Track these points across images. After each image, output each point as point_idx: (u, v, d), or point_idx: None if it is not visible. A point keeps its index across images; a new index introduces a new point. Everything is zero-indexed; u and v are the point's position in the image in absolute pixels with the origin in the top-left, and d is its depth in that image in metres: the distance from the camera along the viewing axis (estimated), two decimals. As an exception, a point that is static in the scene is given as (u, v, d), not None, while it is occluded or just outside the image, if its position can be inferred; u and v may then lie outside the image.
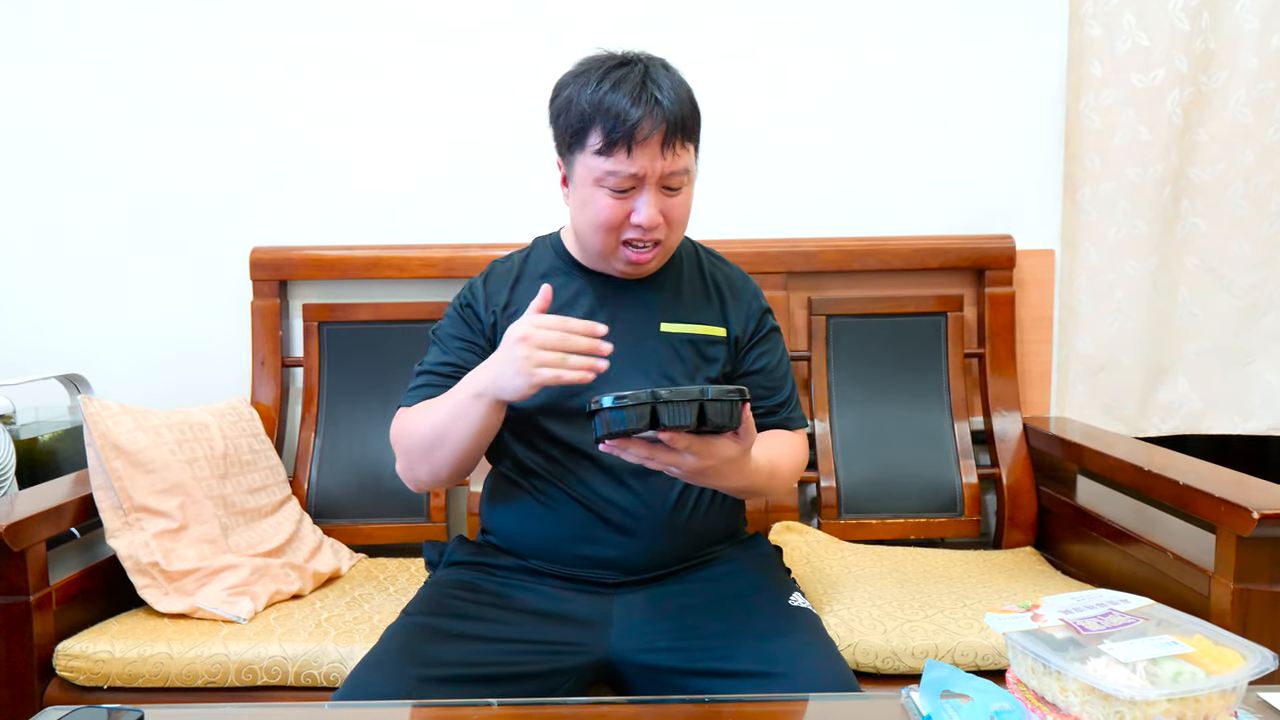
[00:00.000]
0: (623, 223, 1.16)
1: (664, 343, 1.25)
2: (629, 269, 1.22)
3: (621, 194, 1.14)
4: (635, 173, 1.12)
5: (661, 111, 1.11)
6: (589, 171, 1.14)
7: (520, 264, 1.32)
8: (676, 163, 1.14)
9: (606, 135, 1.11)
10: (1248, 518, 1.15)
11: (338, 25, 1.89)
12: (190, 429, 1.55)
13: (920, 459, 1.79)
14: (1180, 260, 1.87)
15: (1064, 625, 0.82)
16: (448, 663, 1.06)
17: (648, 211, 1.14)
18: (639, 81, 1.12)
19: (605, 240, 1.18)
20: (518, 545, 1.25)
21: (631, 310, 1.25)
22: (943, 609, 1.36)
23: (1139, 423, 1.90)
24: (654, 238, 1.17)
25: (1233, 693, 0.74)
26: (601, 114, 1.11)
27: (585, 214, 1.18)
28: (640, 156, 1.11)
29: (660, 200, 1.15)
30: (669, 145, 1.12)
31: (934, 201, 1.91)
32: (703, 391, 0.96)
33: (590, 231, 1.18)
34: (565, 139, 1.17)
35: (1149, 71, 1.80)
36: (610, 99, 1.11)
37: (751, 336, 1.31)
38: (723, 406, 0.97)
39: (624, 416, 0.95)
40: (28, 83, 1.90)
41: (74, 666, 1.30)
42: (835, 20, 1.88)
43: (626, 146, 1.11)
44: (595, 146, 1.12)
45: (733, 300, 1.31)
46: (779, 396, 1.31)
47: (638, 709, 0.98)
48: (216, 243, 1.91)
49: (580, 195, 1.17)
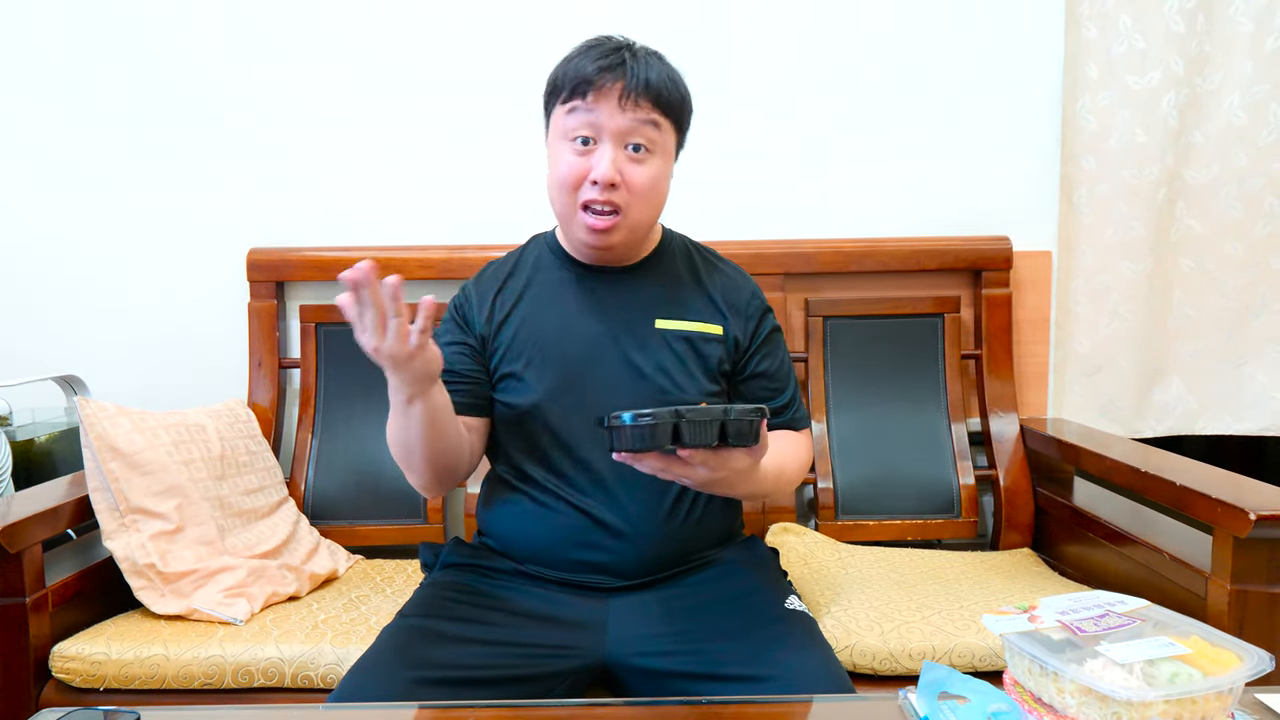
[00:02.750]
0: (579, 180, 1.16)
1: (659, 339, 1.24)
2: (590, 239, 1.19)
3: (583, 148, 1.15)
4: (593, 121, 1.14)
5: (624, 69, 1.14)
6: (557, 126, 1.18)
7: (514, 261, 1.32)
8: (638, 121, 1.14)
9: (571, 83, 1.15)
10: (1244, 519, 1.15)
11: (336, 26, 1.89)
12: (187, 430, 1.55)
13: (917, 460, 1.79)
14: (1175, 262, 1.87)
15: (1061, 626, 0.82)
16: (443, 665, 1.06)
17: (604, 166, 1.13)
18: (615, 47, 1.17)
19: (567, 199, 1.17)
20: (513, 548, 1.25)
21: (625, 305, 1.25)
22: (940, 610, 1.36)
23: (1135, 424, 1.90)
24: (611, 199, 1.15)
25: (1229, 694, 0.74)
26: (572, 66, 1.16)
27: (551, 174, 1.19)
28: (597, 105, 1.14)
29: (620, 159, 1.15)
30: (628, 98, 1.14)
31: (931, 203, 1.92)
32: (725, 411, 0.96)
33: (554, 192, 1.19)
34: (546, 104, 1.21)
35: (1145, 73, 1.80)
36: (581, 58, 1.16)
37: (753, 338, 1.30)
38: (744, 425, 0.97)
39: (645, 435, 0.94)
40: (26, 83, 1.90)
41: (70, 668, 1.30)
42: (833, 21, 1.89)
43: (584, 95, 1.14)
44: (562, 97, 1.16)
45: (730, 298, 1.30)
46: (783, 398, 1.31)
47: (636, 710, 0.98)
48: (213, 244, 1.91)
49: (551, 154, 1.20)
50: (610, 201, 1.15)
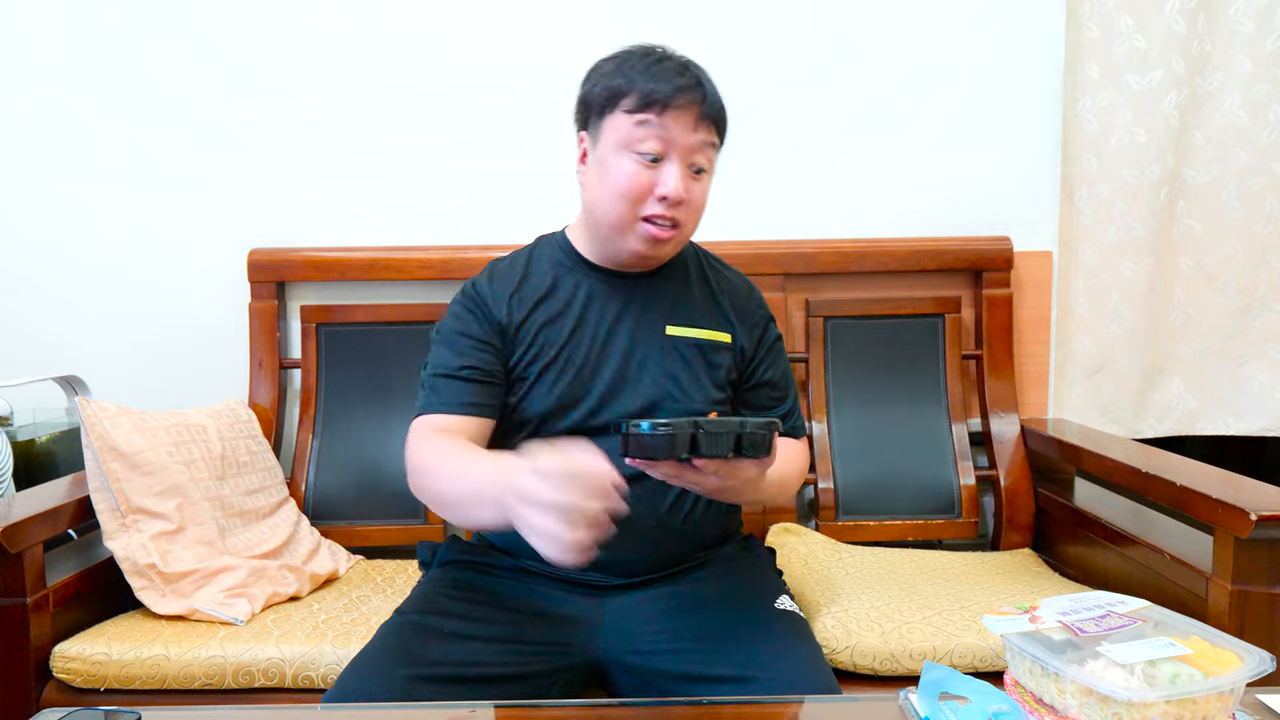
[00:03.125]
0: (644, 195, 1.13)
1: (670, 346, 1.23)
2: (645, 249, 1.18)
3: (649, 163, 1.12)
4: (665, 137, 1.12)
5: (701, 90, 1.13)
6: (617, 134, 1.13)
7: (525, 262, 1.29)
8: (703, 142, 1.14)
9: (643, 96, 1.11)
10: (1245, 519, 1.15)
11: (336, 27, 1.89)
12: (187, 430, 1.55)
13: (918, 461, 1.79)
14: (1175, 262, 1.87)
15: (1062, 627, 0.82)
16: (438, 662, 1.06)
17: (674, 183, 1.12)
18: (681, 62, 1.15)
19: (624, 212, 1.14)
20: (513, 544, 1.25)
21: (638, 311, 1.24)
22: (940, 611, 1.36)
23: (1135, 424, 1.90)
24: (675, 215, 1.15)
25: (1230, 694, 0.74)
26: (642, 77, 1.12)
27: (606, 181, 1.15)
28: (673, 123, 1.11)
29: (685, 175, 1.14)
30: (702, 122, 1.13)
31: (931, 203, 1.92)
32: (742, 424, 0.98)
33: (610, 201, 1.15)
34: (596, 104, 1.16)
35: (1146, 73, 1.80)
36: (654, 69, 1.12)
37: (758, 347, 1.31)
38: (758, 438, 0.99)
39: (663, 444, 0.95)
40: (25, 83, 1.90)
41: (71, 668, 1.30)
42: (832, 21, 1.89)
43: (660, 108, 1.11)
44: (628, 106, 1.12)
45: (738, 307, 1.30)
46: (784, 407, 1.32)
47: (634, 711, 0.98)
48: (214, 244, 1.91)
49: (604, 163, 1.15)
50: (673, 217, 1.15)
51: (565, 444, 0.84)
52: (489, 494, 0.93)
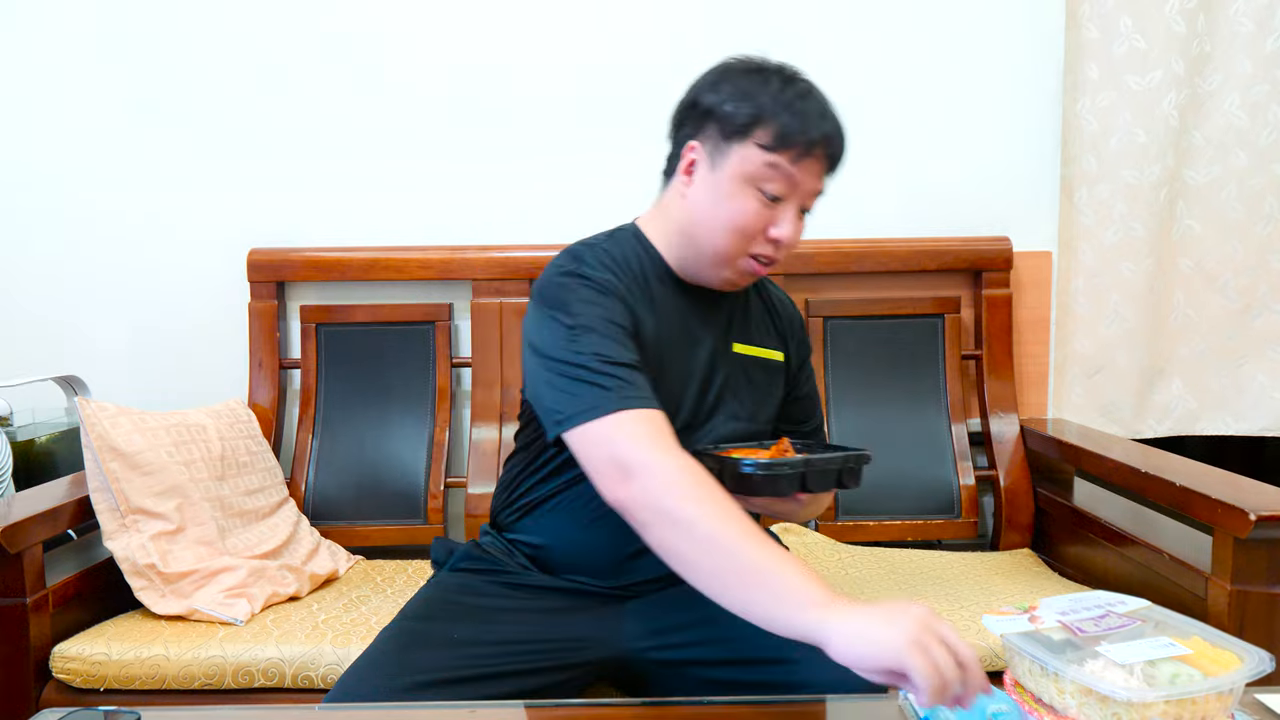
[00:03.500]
0: (757, 233, 1.09)
1: (736, 364, 1.19)
2: (736, 279, 1.14)
3: (770, 201, 1.08)
4: (795, 179, 1.07)
5: (838, 139, 1.10)
6: (745, 164, 1.07)
7: (618, 256, 1.15)
8: (822, 187, 1.12)
9: (783, 134, 1.06)
10: (1244, 519, 1.15)
11: (336, 27, 1.89)
12: (187, 431, 1.55)
13: (917, 461, 1.79)
14: (1175, 262, 1.87)
15: (1061, 627, 0.82)
16: (442, 668, 1.04)
17: (790, 228, 1.09)
18: (824, 101, 1.10)
19: (734, 246, 1.09)
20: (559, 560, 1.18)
21: (711, 326, 1.19)
22: (940, 611, 1.36)
23: (1135, 424, 1.90)
24: (779, 256, 1.12)
25: (1230, 694, 0.74)
26: (786, 115, 1.06)
27: (721, 210, 1.09)
28: (805, 168, 1.07)
29: (797, 221, 1.11)
30: (828, 171, 1.11)
31: (931, 203, 1.91)
32: (845, 460, 1.01)
33: (721, 232, 1.09)
34: (729, 125, 1.08)
35: (1145, 74, 1.80)
36: (799, 105, 1.07)
37: (799, 364, 1.30)
38: (857, 471, 1.03)
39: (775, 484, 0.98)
40: (25, 83, 1.90)
41: (71, 669, 1.30)
42: (832, 22, 1.89)
43: (798, 152, 1.06)
44: (763, 140, 1.06)
45: (788, 324, 1.29)
46: (813, 423, 1.33)
47: (637, 710, 0.98)
48: (213, 244, 1.91)
49: (721, 189, 1.09)
50: (776, 256, 1.12)
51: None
52: (802, 611, 0.83)
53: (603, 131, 1.90)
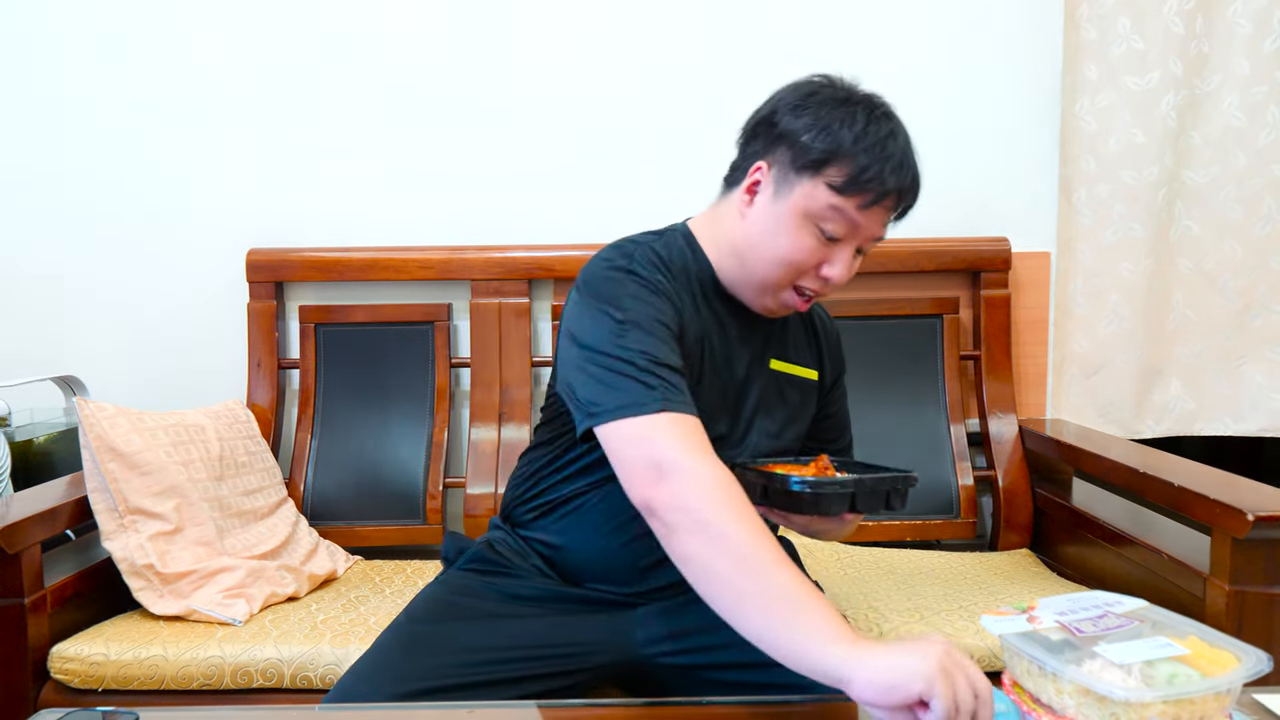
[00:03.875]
0: (809, 269, 1.07)
1: (771, 381, 1.18)
2: (776, 309, 1.12)
3: (827, 240, 1.05)
4: (858, 224, 1.04)
5: (912, 191, 1.07)
6: (808, 201, 1.03)
7: (666, 258, 1.11)
8: (885, 232, 1.09)
9: (855, 179, 1.01)
10: (1242, 520, 1.15)
11: (335, 27, 1.89)
12: (186, 431, 1.55)
13: (916, 461, 1.79)
14: (1174, 263, 1.87)
15: (1059, 627, 0.82)
16: (446, 673, 1.03)
17: (843, 269, 1.06)
18: (904, 147, 1.06)
19: (783, 276, 1.07)
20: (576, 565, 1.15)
21: (750, 340, 1.18)
22: (939, 611, 1.37)
23: (1133, 425, 1.90)
24: (825, 293, 1.10)
25: (1227, 694, 0.74)
26: (864, 160, 1.01)
27: (776, 242, 1.06)
28: (871, 215, 1.04)
29: (852, 260, 1.08)
30: (895, 219, 1.09)
31: (929, 204, 1.87)
32: (895, 481, 1.00)
33: (771, 263, 1.07)
34: (802, 157, 1.04)
35: (1144, 74, 1.80)
36: (876, 152, 1.02)
37: (833, 383, 1.28)
38: (904, 494, 1.02)
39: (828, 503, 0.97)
40: (24, 83, 1.90)
41: (69, 669, 1.30)
42: (831, 22, 1.89)
43: (867, 199, 1.02)
44: (834, 180, 1.02)
45: (827, 343, 1.27)
46: (844, 440, 1.31)
47: (637, 710, 0.98)
48: (212, 244, 1.91)
49: (780, 220, 1.05)
50: (822, 291, 1.10)
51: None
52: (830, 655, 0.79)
53: (602, 132, 1.90)
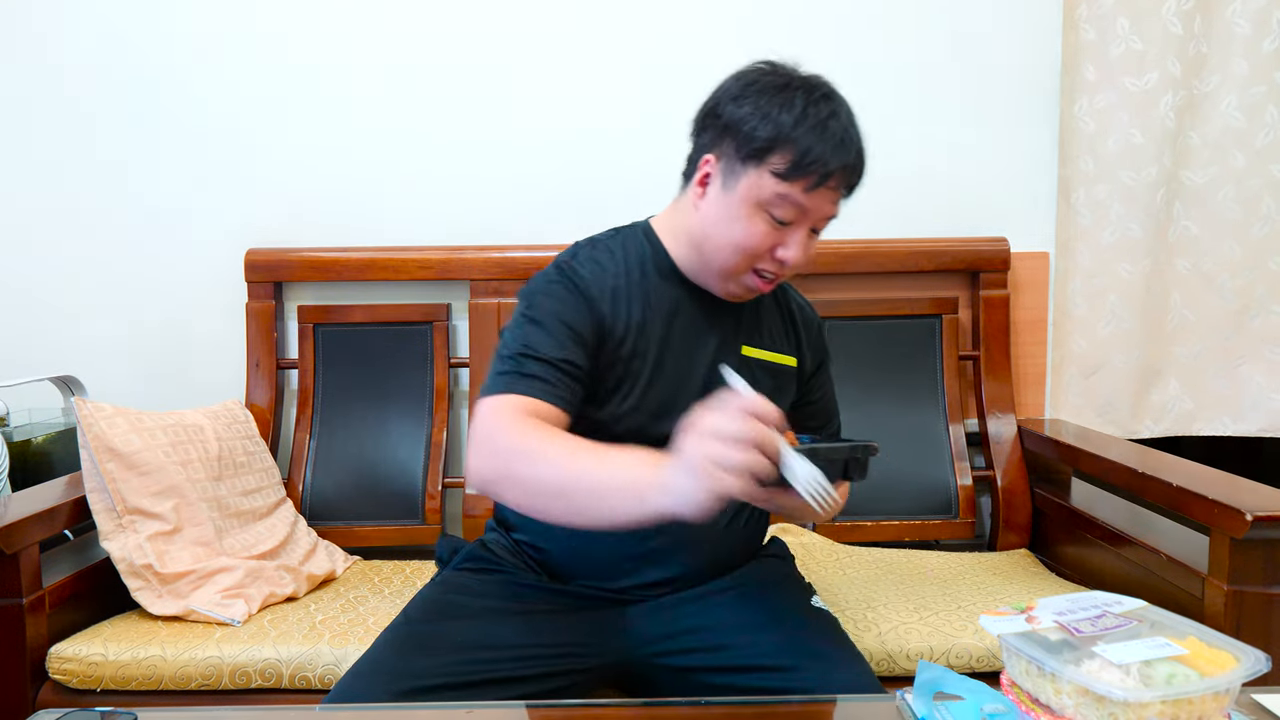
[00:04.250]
0: (764, 253, 1.10)
1: (743, 367, 1.18)
2: (741, 293, 1.15)
3: (779, 225, 1.08)
4: (806, 208, 1.06)
5: (855, 166, 1.08)
6: (755, 190, 1.06)
7: (620, 255, 1.17)
8: (837, 210, 1.11)
9: (797, 165, 1.04)
10: (1241, 520, 1.15)
11: (335, 26, 1.89)
12: (184, 431, 1.55)
13: (915, 461, 1.79)
14: (1172, 263, 1.87)
15: (1058, 627, 0.82)
16: (443, 672, 1.04)
17: (797, 251, 1.09)
18: (844, 126, 1.07)
19: (739, 263, 1.10)
20: (563, 562, 1.18)
21: (720, 329, 1.19)
22: (937, 611, 1.37)
23: (1132, 425, 1.90)
24: (784, 274, 1.13)
25: (1226, 694, 0.74)
26: (804, 145, 1.04)
27: (729, 230, 1.09)
28: (818, 198, 1.06)
29: (807, 241, 1.11)
30: (844, 197, 1.10)
31: (928, 204, 1.92)
32: (852, 450, 0.99)
33: (728, 250, 1.10)
34: (745, 147, 1.06)
35: (1142, 75, 1.81)
36: (815, 135, 1.04)
37: (814, 370, 1.30)
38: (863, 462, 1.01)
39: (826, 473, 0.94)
40: (23, 83, 1.90)
41: (67, 669, 1.30)
42: (830, 23, 1.89)
43: (811, 182, 1.05)
44: (777, 168, 1.05)
45: (805, 331, 1.29)
46: (833, 426, 1.33)
47: (637, 711, 0.98)
48: (211, 244, 1.91)
49: (731, 210, 1.09)
50: (782, 273, 1.13)
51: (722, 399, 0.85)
52: (632, 488, 0.88)
53: (602, 132, 1.90)
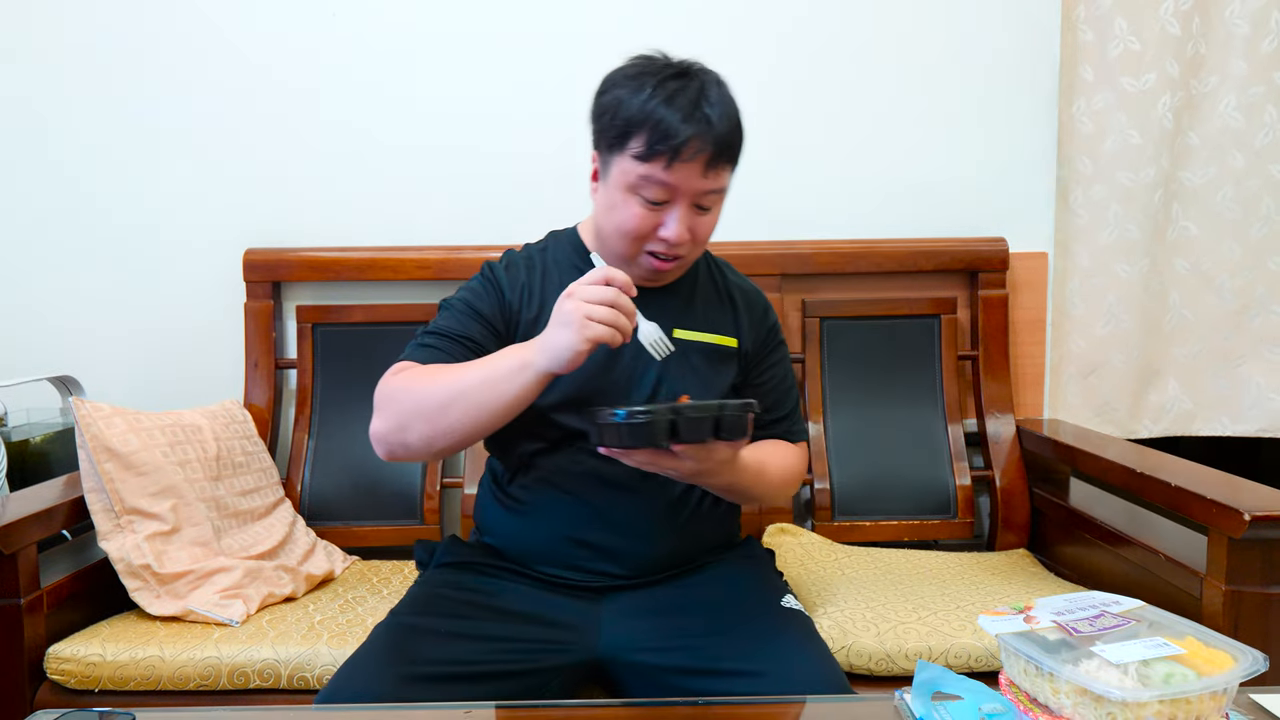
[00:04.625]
0: (648, 234, 1.15)
1: (677, 349, 1.22)
2: (648, 276, 1.20)
3: (654, 205, 1.13)
4: (671, 184, 1.10)
5: (711, 132, 1.10)
6: (624, 175, 1.12)
7: (540, 257, 1.29)
8: (715, 182, 1.13)
9: (650, 144, 1.09)
10: (1239, 519, 1.15)
11: (334, 28, 1.89)
12: (183, 431, 1.55)
13: (914, 461, 1.79)
14: (1171, 263, 1.88)
15: (1056, 627, 0.82)
16: (433, 661, 1.06)
17: (677, 228, 1.13)
18: (694, 98, 1.10)
19: (629, 246, 1.17)
20: (514, 547, 1.25)
21: (647, 313, 1.21)
22: (936, 611, 1.37)
23: (1130, 425, 1.90)
24: (678, 253, 1.16)
25: (1224, 694, 0.74)
26: (651, 123, 1.09)
27: (613, 217, 1.16)
28: (680, 172, 1.10)
29: (690, 217, 1.14)
30: (712, 166, 1.11)
31: (927, 204, 1.92)
32: (720, 407, 0.98)
33: (615, 235, 1.17)
34: (607, 137, 1.14)
35: (1140, 76, 1.81)
36: (662, 110, 1.08)
37: (760, 351, 1.31)
38: (736, 420, 1.00)
39: (641, 433, 0.95)
40: (23, 83, 1.90)
41: (65, 669, 1.29)
42: (829, 23, 1.89)
43: (668, 159, 1.09)
44: (635, 151, 1.10)
45: (746, 312, 1.31)
46: (780, 411, 1.32)
47: (631, 711, 0.98)
48: (209, 244, 1.91)
49: (611, 197, 1.16)
50: (675, 253, 1.16)
51: None
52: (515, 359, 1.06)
53: (599, 132, 1.89)
